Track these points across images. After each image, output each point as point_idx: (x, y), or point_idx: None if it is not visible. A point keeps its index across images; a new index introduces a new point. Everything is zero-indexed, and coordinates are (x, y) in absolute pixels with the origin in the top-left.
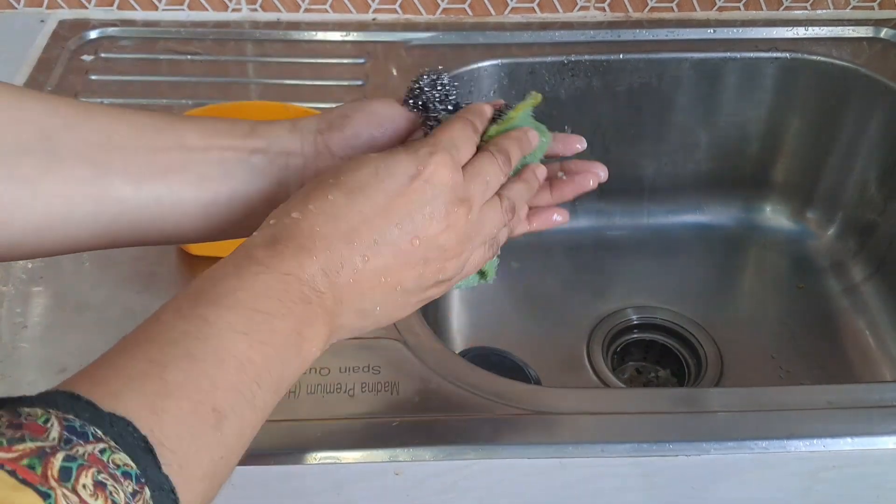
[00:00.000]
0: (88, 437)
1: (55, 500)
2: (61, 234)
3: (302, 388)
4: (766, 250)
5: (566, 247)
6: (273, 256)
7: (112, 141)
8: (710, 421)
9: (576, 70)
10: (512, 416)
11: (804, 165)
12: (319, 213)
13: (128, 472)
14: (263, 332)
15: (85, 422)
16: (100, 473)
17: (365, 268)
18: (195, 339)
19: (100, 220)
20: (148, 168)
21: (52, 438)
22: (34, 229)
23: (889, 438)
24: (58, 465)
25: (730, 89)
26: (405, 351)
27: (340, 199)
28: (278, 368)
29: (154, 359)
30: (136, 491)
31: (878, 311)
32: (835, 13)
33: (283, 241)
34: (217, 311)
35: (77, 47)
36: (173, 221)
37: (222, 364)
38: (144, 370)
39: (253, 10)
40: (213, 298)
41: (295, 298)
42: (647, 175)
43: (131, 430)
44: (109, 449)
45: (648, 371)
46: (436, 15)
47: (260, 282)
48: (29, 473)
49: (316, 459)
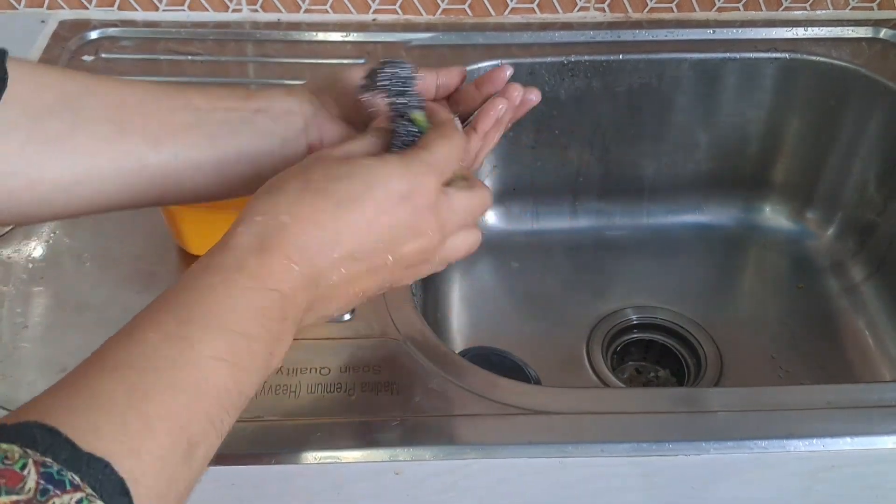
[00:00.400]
0: (66, 485)
1: None
2: (87, 192)
3: (302, 388)
4: (765, 250)
5: (566, 247)
6: (262, 267)
7: (127, 104)
8: (710, 421)
9: (576, 70)
10: (512, 416)
11: (804, 165)
12: (307, 222)
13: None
14: (243, 358)
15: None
16: None
17: (339, 280)
18: (179, 368)
19: (123, 178)
20: (162, 128)
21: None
22: (63, 186)
23: (889, 438)
24: None
25: (729, 90)
26: (405, 351)
27: (329, 209)
28: (247, 391)
29: (135, 388)
30: None
31: (877, 311)
32: (834, 13)
33: (271, 250)
34: (201, 334)
35: (77, 48)
36: (189, 178)
37: (202, 396)
38: (126, 401)
39: (253, 11)
40: (199, 318)
41: (275, 317)
42: (647, 175)
43: (108, 472)
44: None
45: (648, 371)
46: (436, 15)
47: (246, 300)
48: None
49: (316, 459)
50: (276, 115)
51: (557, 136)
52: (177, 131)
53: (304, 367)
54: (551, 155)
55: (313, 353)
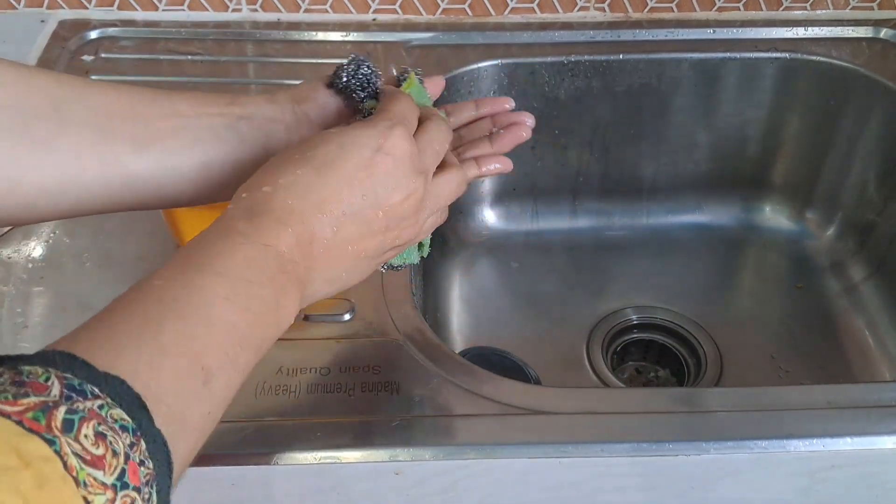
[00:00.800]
0: (87, 394)
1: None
2: (71, 196)
3: (302, 388)
4: (765, 250)
5: (566, 247)
6: (253, 229)
7: (113, 110)
8: (710, 421)
9: (576, 70)
10: (512, 416)
11: (804, 166)
12: (290, 187)
13: (125, 426)
14: (246, 299)
15: (83, 380)
16: (100, 425)
17: (334, 238)
18: (186, 303)
19: (107, 183)
20: (147, 134)
21: (53, 395)
22: (47, 190)
23: (888, 438)
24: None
25: (729, 89)
26: (405, 351)
27: (310, 174)
28: (259, 333)
29: (150, 318)
30: (134, 443)
31: (877, 311)
32: (834, 13)
33: (260, 215)
34: (204, 277)
35: (77, 47)
36: (172, 183)
37: (211, 327)
38: (140, 330)
39: (253, 11)
40: (201, 266)
41: (273, 268)
42: (647, 175)
43: (126, 388)
44: (107, 405)
45: (648, 371)
46: (436, 15)
47: (242, 252)
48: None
49: (316, 459)
50: (259, 123)
51: (557, 136)
52: (162, 137)
53: (304, 367)
54: (551, 155)
55: (313, 353)
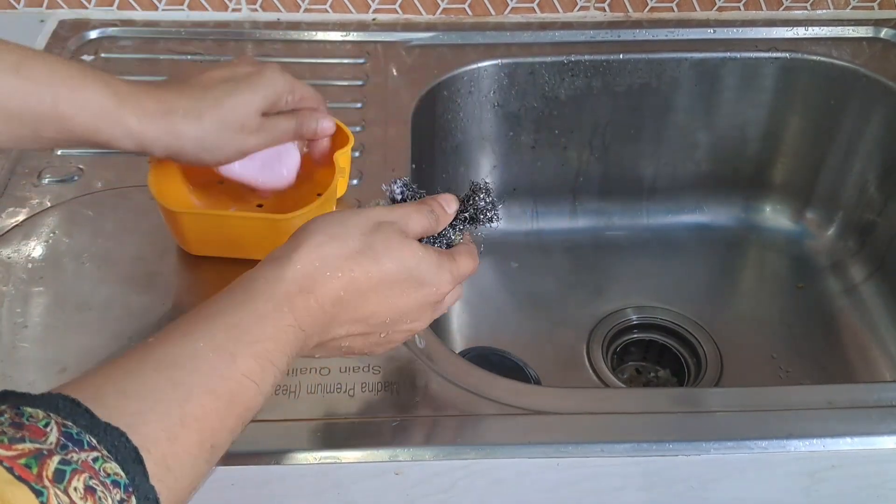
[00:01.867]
0: (84, 445)
1: (47, 499)
2: None
3: (302, 388)
4: (765, 250)
5: (566, 247)
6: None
7: None
8: (710, 421)
9: (576, 70)
10: (511, 416)
11: (804, 165)
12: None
13: (117, 482)
14: (266, 383)
15: (82, 430)
16: (91, 479)
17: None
18: (220, 377)
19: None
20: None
21: (49, 442)
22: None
23: (889, 438)
24: (53, 467)
25: (729, 89)
26: (405, 351)
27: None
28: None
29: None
30: (124, 499)
31: (877, 311)
32: (834, 13)
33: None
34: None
35: (77, 47)
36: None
37: (232, 407)
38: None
39: (253, 10)
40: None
41: (295, 354)
42: (647, 175)
43: (124, 440)
44: (102, 458)
45: (648, 371)
46: (436, 15)
47: (286, 336)
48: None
49: (316, 459)
50: None
51: (557, 136)
52: None
53: (304, 367)
54: (551, 155)
55: None
